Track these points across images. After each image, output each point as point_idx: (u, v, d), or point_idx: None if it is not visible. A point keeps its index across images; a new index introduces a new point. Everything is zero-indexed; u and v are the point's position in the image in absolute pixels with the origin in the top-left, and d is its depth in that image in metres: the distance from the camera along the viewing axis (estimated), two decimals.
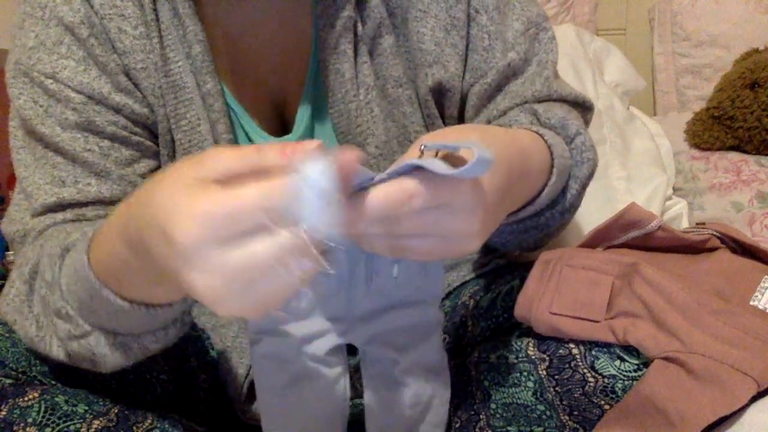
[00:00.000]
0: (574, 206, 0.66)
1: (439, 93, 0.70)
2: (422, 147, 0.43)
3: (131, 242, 0.43)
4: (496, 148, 0.46)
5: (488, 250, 0.82)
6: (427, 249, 0.44)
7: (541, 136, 0.59)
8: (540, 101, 0.68)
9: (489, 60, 0.69)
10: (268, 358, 0.53)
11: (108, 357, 0.54)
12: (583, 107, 0.72)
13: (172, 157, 0.67)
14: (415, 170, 0.42)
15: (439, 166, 0.41)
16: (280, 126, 0.70)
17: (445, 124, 0.72)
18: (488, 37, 0.69)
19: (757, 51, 1.47)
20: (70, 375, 0.61)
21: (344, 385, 0.56)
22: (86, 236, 0.51)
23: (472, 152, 0.40)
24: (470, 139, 0.43)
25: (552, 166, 0.58)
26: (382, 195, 0.42)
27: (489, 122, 0.69)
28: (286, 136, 0.68)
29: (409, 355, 0.55)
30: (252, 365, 0.52)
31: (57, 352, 0.56)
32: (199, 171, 0.38)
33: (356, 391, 0.62)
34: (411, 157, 0.44)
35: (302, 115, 0.68)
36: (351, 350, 0.57)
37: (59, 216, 0.62)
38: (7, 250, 1.48)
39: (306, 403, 0.54)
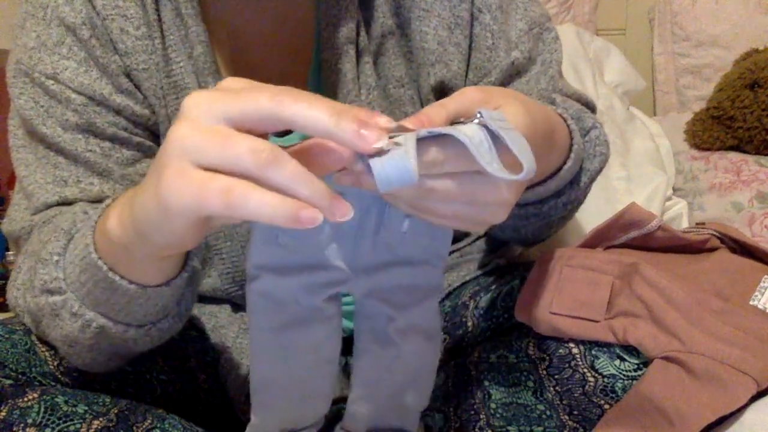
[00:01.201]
0: (578, 200, 0.66)
1: (442, 92, 0.70)
2: (479, 114, 0.41)
3: (133, 191, 0.43)
4: (532, 119, 0.45)
5: (489, 250, 0.82)
6: (453, 213, 0.43)
7: (565, 119, 0.59)
8: (545, 96, 0.68)
9: (492, 59, 0.69)
10: (265, 296, 0.50)
11: (67, 323, 0.53)
12: (586, 107, 0.72)
13: None
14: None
15: (488, 163, 0.40)
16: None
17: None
18: (492, 36, 0.69)
19: (757, 51, 1.47)
20: (70, 375, 0.61)
21: (338, 336, 0.55)
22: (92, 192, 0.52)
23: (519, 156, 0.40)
24: (518, 134, 0.42)
25: (570, 150, 0.57)
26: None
27: None
28: (287, 136, 0.68)
29: (406, 315, 0.54)
30: (247, 303, 0.51)
31: (29, 305, 0.56)
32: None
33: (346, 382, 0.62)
34: (461, 105, 0.43)
35: None
36: (346, 349, 0.57)
37: (69, 208, 0.62)
38: (8, 250, 1.48)
39: (299, 349, 0.53)
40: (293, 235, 0.48)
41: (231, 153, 0.37)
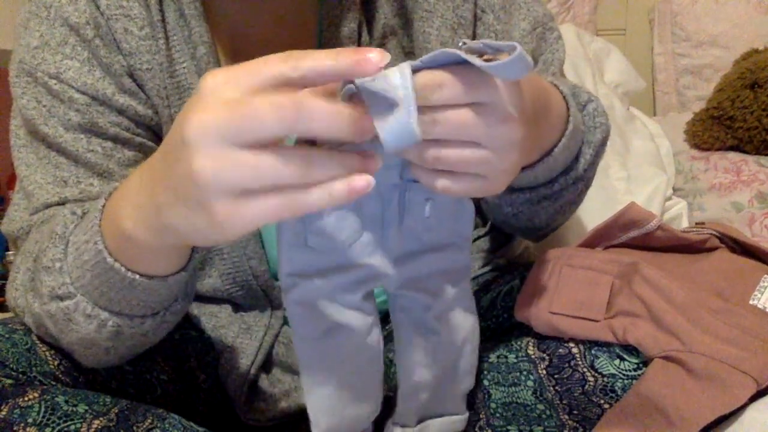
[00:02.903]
0: (588, 176, 0.65)
1: None
2: (461, 44, 0.41)
3: (149, 165, 0.44)
4: (527, 81, 0.45)
5: (489, 250, 0.82)
6: (463, 158, 0.43)
7: (557, 86, 0.58)
8: None
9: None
10: (302, 305, 0.51)
11: (82, 327, 0.54)
12: None
13: None
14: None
15: (476, 60, 0.39)
16: None
17: None
18: (495, 37, 0.69)
19: (757, 51, 1.47)
20: (71, 375, 0.61)
21: (378, 334, 0.55)
22: (102, 200, 0.51)
23: (512, 53, 0.39)
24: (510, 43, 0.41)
25: (568, 119, 0.57)
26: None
27: None
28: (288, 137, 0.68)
29: (442, 300, 0.54)
30: (288, 314, 0.51)
31: (42, 315, 0.56)
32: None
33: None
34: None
35: None
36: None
37: (61, 209, 0.63)
38: (7, 250, 1.48)
39: (343, 353, 0.53)
40: (322, 235, 0.48)
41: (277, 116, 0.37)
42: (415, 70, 0.41)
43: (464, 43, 0.41)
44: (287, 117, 0.37)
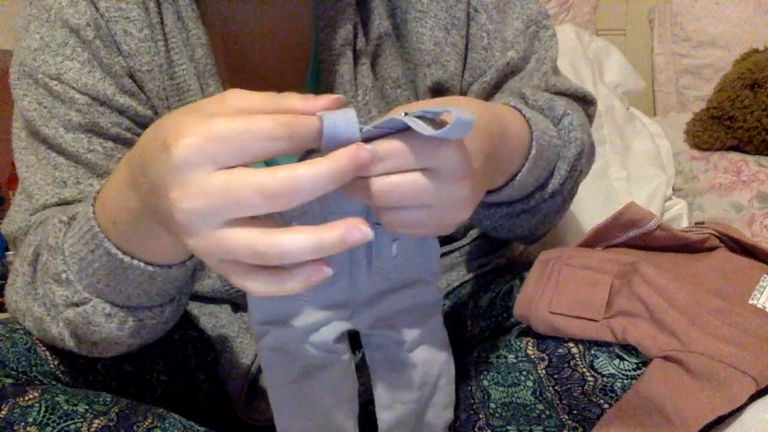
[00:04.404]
0: (567, 190, 0.66)
1: (438, 93, 0.70)
2: (403, 113, 0.42)
3: (133, 173, 0.44)
4: (474, 112, 0.45)
5: (489, 249, 0.82)
6: (417, 219, 0.44)
7: (519, 110, 0.58)
8: (540, 90, 0.68)
9: (488, 59, 0.69)
10: (276, 350, 0.52)
11: (104, 325, 0.54)
12: (583, 101, 0.72)
13: None
14: (396, 133, 0.42)
15: (423, 127, 0.40)
16: None
17: None
18: (487, 36, 0.69)
19: (757, 51, 1.48)
20: (71, 375, 0.61)
21: (352, 373, 0.56)
22: (90, 200, 0.51)
23: (452, 116, 0.40)
24: (449, 106, 0.42)
25: (531, 139, 0.57)
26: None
27: None
28: None
29: (413, 335, 0.55)
30: (260, 361, 0.52)
31: (62, 332, 0.56)
32: (219, 106, 0.39)
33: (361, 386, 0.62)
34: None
35: None
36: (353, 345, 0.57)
37: (50, 218, 0.63)
38: (7, 250, 1.48)
39: (318, 395, 0.54)
40: None
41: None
42: (367, 139, 0.42)
43: (406, 113, 0.42)
44: (277, 199, 0.38)
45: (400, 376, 0.56)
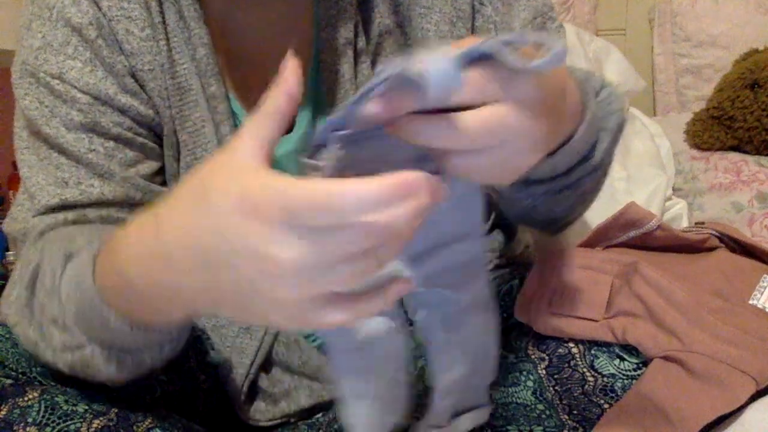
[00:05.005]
0: (606, 164, 0.64)
1: None
2: (497, 42, 0.39)
3: (167, 252, 0.40)
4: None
5: (489, 249, 0.82)
6: (488, 162, 0.41)
7: (571, 72, 0.56)
8: None
9: None
10: None
11: (103, 369, 0.54)
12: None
13: (177, 158, 0.67)
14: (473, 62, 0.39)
15: (514, 58, 0.38)
16: None
17: None
18: (494, 28, 0.69)
19: (757, 51, 1.48)
20: (70, 375, 0.61)
21: (405, 338, 0.54)
22: (92, 248, 0.50)
23: (545, 47, 0.38)
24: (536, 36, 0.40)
25: (584, 102, 0.55)
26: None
27: None
28: (286, 136, 0.68)
29: (464, 293, 0.54)
30: (321, 331, 0.50)
31: (57, 361, 0.56)
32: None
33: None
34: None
35: (303, 114, 0.68)
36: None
37: (60, 216, 0.62)
38: (7, 250, 1.48)
39: (376, 363, 0.53)
40: None
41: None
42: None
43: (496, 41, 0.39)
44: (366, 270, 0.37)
45: (452, 337, 0.54)
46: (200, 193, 0.38)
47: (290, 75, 0.38)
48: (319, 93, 0.68)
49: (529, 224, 0.76)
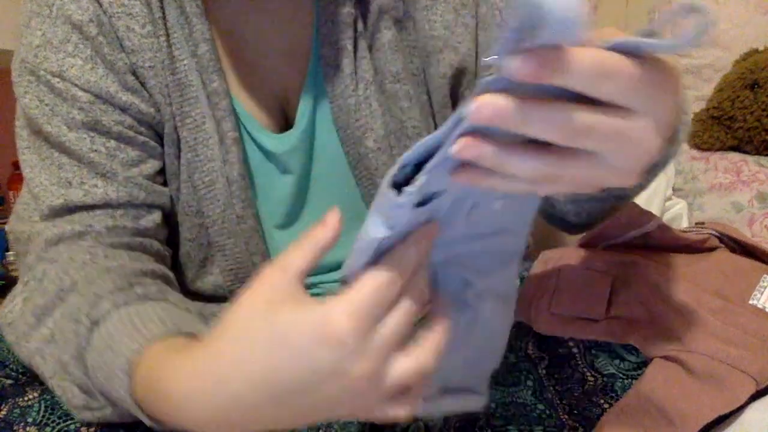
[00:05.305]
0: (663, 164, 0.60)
1: (454, 77, 0.69)
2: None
3: (237, 396, 0.41)
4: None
5: None
6: (607, 168, 0.36)
7: None
8: None
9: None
10: None
11: (116, 419, 0.54)
12: None
13: (177, 155, 0.67)
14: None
15: (661, 41, 0.34)
16: (282, 122, 0.70)
17: (457, 108, 0.71)
18: (500, 14, 0.69)
19: (757, 51, 1.48)
20: None
21: None
22: (128, 347, 0.49)
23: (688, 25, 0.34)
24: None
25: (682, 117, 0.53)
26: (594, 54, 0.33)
27: None
28: (287, 132, 0.68)
29: (485, 280, 0.51)
30: None
31: (55, 391, 0.55)
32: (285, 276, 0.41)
33: None
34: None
35: (303, 110, 0.68)
36: None
37: (67, 226, 0.62)
38: (7, 250, 1.48)
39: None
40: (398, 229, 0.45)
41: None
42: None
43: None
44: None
45: (459, 317, 0.51)
46: (271, 336, 0.40)
47: (332, 217, 0.42)
48: (319, 88, 0.68)
49: (550, 222, 0.74)
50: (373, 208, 0.42)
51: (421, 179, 0.39)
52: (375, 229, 0.42)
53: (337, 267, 0.72)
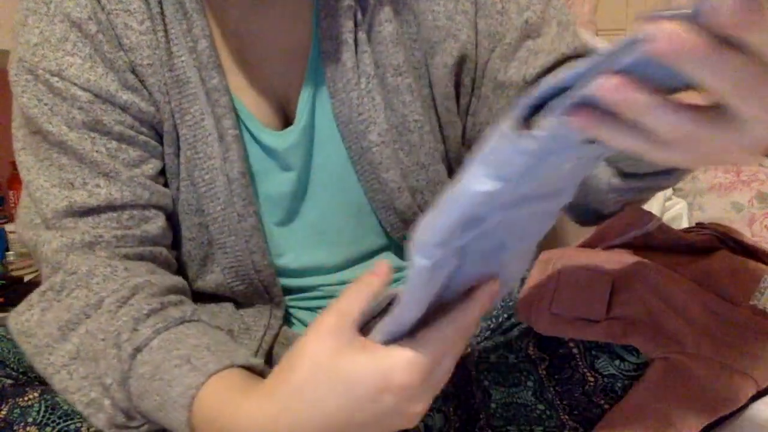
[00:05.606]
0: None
1: (458, 65, 0.69)
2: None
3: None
4: None
5: None
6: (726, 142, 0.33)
7: None
8: (578, 53, 0.67)
9: (504, 22, 0.68)
10: (434, 269, 0.44)
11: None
12: None
13: (177, 154, 0.67)
14: None
15: None
16: (282, 118, 0.70)
17: (459, 99, 0.71)
18: (500, 1, 0.68)
19: None
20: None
21: None
22: (187, 390, 0.50)
23: None
24: None
25: None
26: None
27: (527, 81, 0.67)
28: (288, 129, 0.68)
29: (522, 245, 0.50)
30: (413, 276, 0.45)
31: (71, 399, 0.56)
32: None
33: None
34: None
35: (303, 105, 0.68)
36: None
37: (76, 235, 0.61)
38: (7, 250, 1.48)
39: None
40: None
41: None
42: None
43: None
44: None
45: (486, 266, 0.49)
46: (340, 384, 0.45)
47: (382, 267, 0.48)
48: (320, 83, 0.68)
49: (568, 210, 0.71)
50: (476, 160, 0.37)
51: (551, 121, 0.34)
52: (477, 183, 0.37)
53: (336, 269, 0.72)
